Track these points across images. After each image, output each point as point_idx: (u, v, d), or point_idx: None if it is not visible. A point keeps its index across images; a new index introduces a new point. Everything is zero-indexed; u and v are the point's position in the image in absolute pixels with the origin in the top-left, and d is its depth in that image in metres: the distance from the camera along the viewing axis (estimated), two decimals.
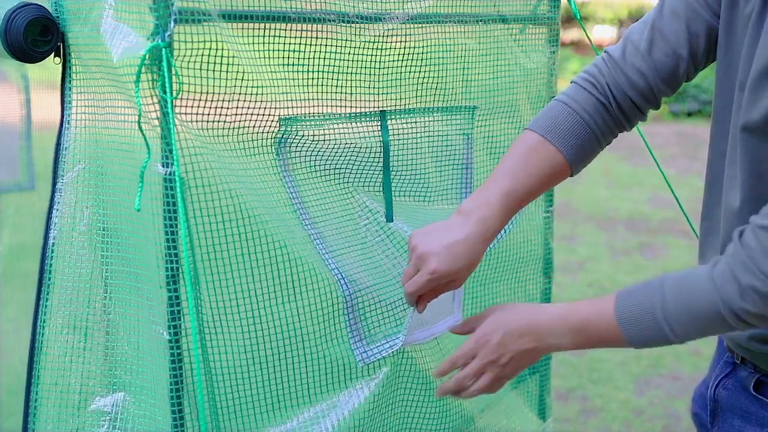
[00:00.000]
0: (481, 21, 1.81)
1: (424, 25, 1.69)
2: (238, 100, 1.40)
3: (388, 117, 1.64)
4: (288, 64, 1.47)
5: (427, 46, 1.70)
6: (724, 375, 1.45)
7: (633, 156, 9.49)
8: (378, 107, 1.63)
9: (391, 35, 1.62)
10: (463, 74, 1.80)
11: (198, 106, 1.36)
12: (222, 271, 1.41)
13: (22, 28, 1.37)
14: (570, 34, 15.43)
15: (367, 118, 1.61)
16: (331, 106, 1.55)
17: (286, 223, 1.50)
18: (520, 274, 2.07)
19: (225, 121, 1.39)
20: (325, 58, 1.52)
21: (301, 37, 1.48)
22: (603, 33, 18.85)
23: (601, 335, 1.30)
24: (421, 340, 1.73)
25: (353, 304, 1.55)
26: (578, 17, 1.98)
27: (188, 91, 1.33)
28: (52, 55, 1.42)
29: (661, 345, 1.28)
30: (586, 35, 2.03)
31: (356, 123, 1.59)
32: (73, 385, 1.44)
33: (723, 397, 1.43)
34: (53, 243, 1.44)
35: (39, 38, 1.39)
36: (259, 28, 1.42)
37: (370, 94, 1.60)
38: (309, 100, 1.50)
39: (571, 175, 1.47)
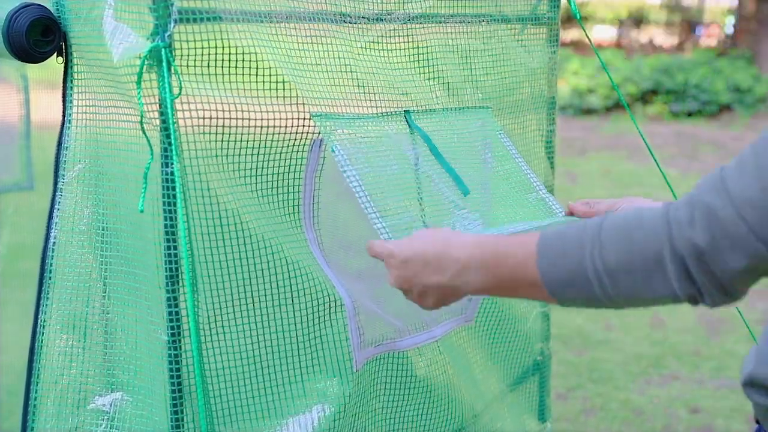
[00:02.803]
0: (483, 21, 1.81)
1: (427, 25, 1.69)
2: (241, 102, 1.40)
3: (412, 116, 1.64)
4: (291, 64, 1.46)
5: (432, 47, 1.71)
6: None
7: (633, 156, 9.49)
8: (388, 109, 1.63)
9: (394, 35, 1.62)
10: (470, 74, 1.80)
11: (200, 108, 1.36)
12: (219, 273, 1.41)
13: (25, 28, 1.36)
14: (570, 34, 15.43)
15: (392, 118, 1.61)
16: (338, 106, 1.54)
17: (285, 227, 1.50)
18: None
19: (226, 124, 1.39)
20: (329, 58, 1.52)
21: (308, 38, 1.48)
22: (603, 33, 18.85)
23: (515, 270, 1.05)
24: (421, 342, 1.73)
25: (356, 311, 1.55)
26: (578, 17, 1.98)
27: (190, 92, 1.32)
28: (55, 54, 1.42)
29: (583, 291, 1.00)
30: (586, 35, 2.03)
31: (381, 125, 1.59)
32: (73, 383, 1.44)
33: None
34: (54, 242, 1.44)
35: (41, 38, 1.39)
36: (262, 28, 1.42)
37: (377, 94, 1.59)
38: (315, 98, 1.49)
39: None
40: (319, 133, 1.48)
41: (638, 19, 19.31)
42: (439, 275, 1.12)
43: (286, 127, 1.46)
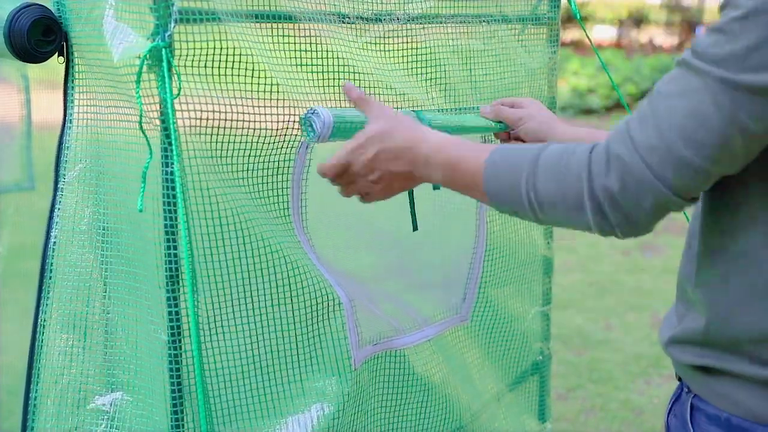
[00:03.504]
0: (483, 21, 1.81)
1: (428, 25, 1.69)
2: (240, 105, 1.40)
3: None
4: (289, 64, 1.47)
5: (432, 47, 1.71)
6: (675, 399, 1.28)
7: None
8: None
9: (395, 36, 1.62)
10: (469, 75, 1.80)
11: (199, 108, 1.36)
12: (219, 273, 1.41)
13: (26, 28, 1.37)
14: (570, 34, 15.43)
15: None
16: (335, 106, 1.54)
17: (283, 227, 1.50)
18: (523, 276, 2.07)
19: (225, 126, 1.39)
20: (329, 58, 1.52)
21: (306, 38, 1.49)
22: (603, 33, 18.85)
23: (467, 177, 1.20)
24: (416, 341, 1.74)
25: (353, 309, 1.55)
26: (578, 17, 1.98)
27: (189, 92, 1.32)
28: (56, 54, 1.42)
29: (516, 208, 1.15)
30: (586, 35, 2.03)
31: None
32: (73, 383, 1.44)
33: (672, 426, 1.26)
34: (54, 242, 1.44)
35: (42, 38, 1.39)
36: (261, 28, 1.42)
37: (375, 95, 1.59)
38: (314, 101, 1.49)
39: None
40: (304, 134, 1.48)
41: (638, 19, 19.31)
42: (407, 166, 1.27)
43: (285, 128, 1.46)
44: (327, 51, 1.52)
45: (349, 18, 1.54)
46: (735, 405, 1.12)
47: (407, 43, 1.66)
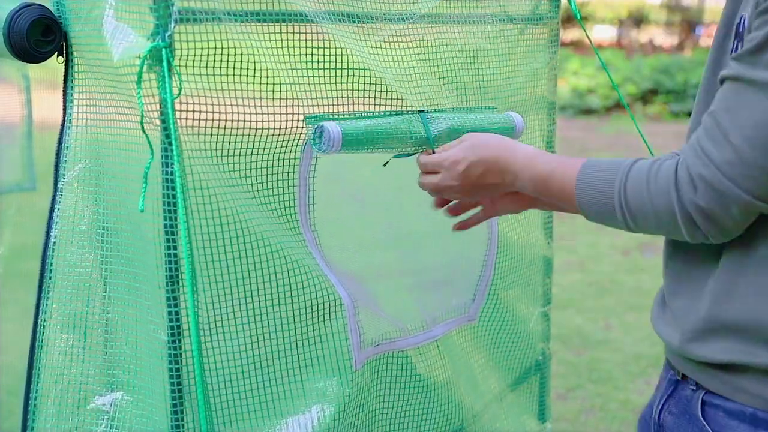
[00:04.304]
0: (487, 21, 1.81)
1: (433, 25, 1.69)
2: (241, 104, 1.40)
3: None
4: (290, 64, 1.46)
5: (438, 47, 1.70)
6: (667, 396, 1.30)
7: (633, 156, 9.47)
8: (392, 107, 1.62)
9: (401, 35, 1.62)
10: (477, 75, 1.80)
11: (199, 109, 1.36)
12: (219, 273, 1.41)
13: (25, 28, 1.37)
14: (570, 34, 15.43)
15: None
16: (339, 105, 1.54)
17: (284, 227, 1.50)
18: (528, 276, 2.07)
19: (227, 125, 1.39)
20: (330, 55, 1.52)
21: (302, 37, 1.48)
22: (603, 33, 18.86)
23: (558, 193, 1.29)
24: (421, 342, 1.73)
25: (355, 310, 1.55)
26: (578, 17, 1.98)
27: (190, 93, 1.32)
28: (56, 54, 1.42)
29: (612, 225, 1.24)
30: (586, 35, 2.03)
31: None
32: (73, 383, 1.44)
33: (669, 423, 1.27)
34: (54, 242, 1.44)
35: (42, 38, 1.39)
36: (262, 27, 1.42)
37: (380, 92, 1.59)
38: (316, 98, 1.49)
39: None
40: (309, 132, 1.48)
41: (638, 19, 19.31)
42: (497, 179, 1.37)
43: (286, 128, 1.46)
44: (329, 50, 1.52)
45: (353, 17, 1.54)
46: (761, 399, 1.14)
47: (413, 42, 1.66)
